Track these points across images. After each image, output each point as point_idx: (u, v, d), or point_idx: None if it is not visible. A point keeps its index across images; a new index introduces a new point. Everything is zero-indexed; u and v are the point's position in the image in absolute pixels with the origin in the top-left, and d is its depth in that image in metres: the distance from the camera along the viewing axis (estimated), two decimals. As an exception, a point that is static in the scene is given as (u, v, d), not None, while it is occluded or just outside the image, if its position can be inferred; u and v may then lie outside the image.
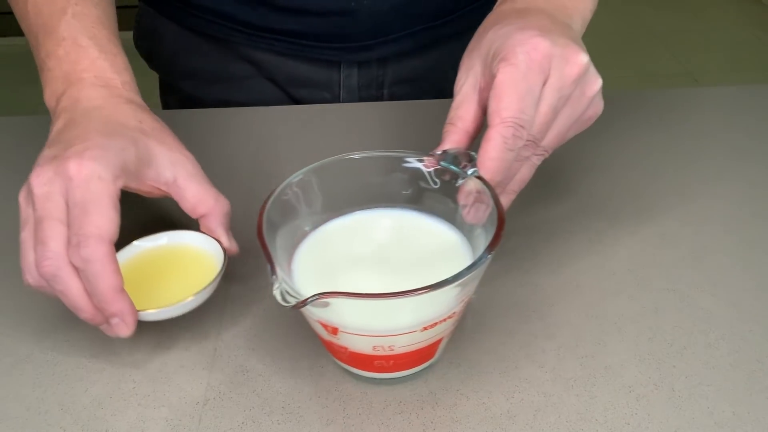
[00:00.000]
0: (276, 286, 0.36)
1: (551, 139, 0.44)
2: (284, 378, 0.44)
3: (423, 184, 0.45)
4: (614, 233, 0.55)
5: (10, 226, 0.57)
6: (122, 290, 0.41)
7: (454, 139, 0.44)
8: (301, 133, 0.67)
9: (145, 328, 0.47)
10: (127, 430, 0.41)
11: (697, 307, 0.48)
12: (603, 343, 0.46)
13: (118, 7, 0.55)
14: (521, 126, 0.41)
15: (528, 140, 0.43)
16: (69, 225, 0.41)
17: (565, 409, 0.42)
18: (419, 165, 0.45)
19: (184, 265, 0.48)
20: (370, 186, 0.46)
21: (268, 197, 0.41)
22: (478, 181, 0.42)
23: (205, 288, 0.44)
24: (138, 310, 0.42)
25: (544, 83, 0.42)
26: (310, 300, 0.35)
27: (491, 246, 0.38)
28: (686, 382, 0.43)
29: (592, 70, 0.44)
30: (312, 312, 0.38)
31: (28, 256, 0.42)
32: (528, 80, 0.41)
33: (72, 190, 0.41)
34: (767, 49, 2.64)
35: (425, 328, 0.39)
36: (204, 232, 0.47)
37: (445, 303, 0.38)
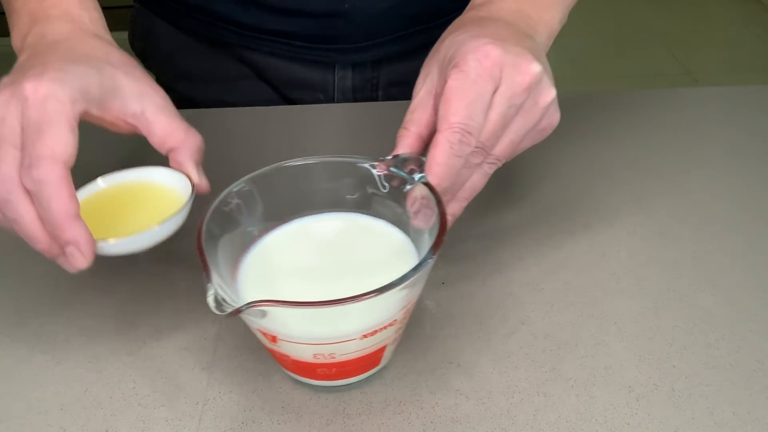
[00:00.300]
0: (210, 293, 0.35)
1: (504, 148, 0.44)
2: (284, 378, 0.44)
3: (372, 190, 0.45)
4: (614, 233, 0.55)
5: (10, 226, 0.57)
6: (77, 216, 0.39)
7: (406, 143, 0.44)
8: (295, 134, 0.67)
9: (143, 326, 0.47)
10: (127, 430, 0.41)
11: (697, 307, 0.48)
12: (603, 343, 0.46)
13: (113, 8, 0.55)
14: (468, 132, 0.41)
15: (477, 147, 0.42)
16: (22, 147, 0.39)
17: (565, 409, 0.42)
18: (370, 170, 0.44)
19: (150, 200, 0.45)
20: (317, 192, 0.45)
21: (210, 206, 0.41)
22: (424, 186, 0.42)
23: (168, 219, 0.41)
24: (97, 241, 0.40)
25: (495, 91, 0.42)
26: (243, 308, 0.35)
27: (433, 248, 0.38)
28: (686, 382, 0.43)
29: (546, 80, 0.43)
30: (251, 320, 0.38)
31: None
32: (478, 87, 0.41)
33: (27, 110, 0.39)
34: (767, 49, 2.64)
35: (365, 336, 0.38)
36: (174, 168, 0.45)
37: (385, 311, 0.38)
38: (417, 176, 0.42)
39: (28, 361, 0.45)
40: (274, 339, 0.39)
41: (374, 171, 0.44)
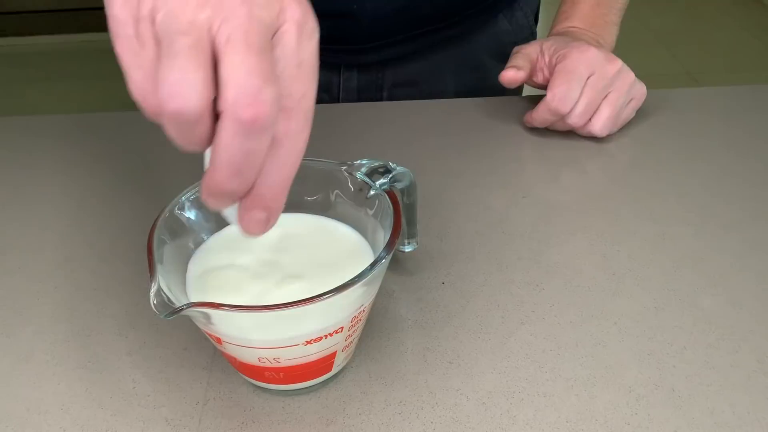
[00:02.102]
0: (153, 293, 0.35)
1: (606, 118, 0.62)
2: (284, 378, 0.44)
3: (335, 194, 0.44)
4: (614, 233, 0.55)
5: (11, 225, 0.57)
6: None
7: (521, 76, 0.64)
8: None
9: (143, 326, 0.47)
10: (127, 430, 0.41)
11: (697, 307, 0.48)
12: (603, 343, 0.46)
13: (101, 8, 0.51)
14: (562, 99, 0.61)
15: (577, 115, 0.62)
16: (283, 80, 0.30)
17: (565, 409, 0.42)
18: (334, 173, 0.44)
19: None
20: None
21: (162, 211, 0.40)
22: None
23: None
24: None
25: (590, 75, 0.61)
26: (179, 309, 0.34)
27: (387, 247, 0.37)
28: (686, 382, 0.43)
29: (626, 67, 0.62)
30: (198, 322, 0.38)
31: (195, 71, 0.28)
32: (577, 71, 0.61)
33: (292, 39, 0.30)
34: (767, 49, 2.64)
35: (308, 342, 0.38)
36: None
37: (330, 318, 0.37)
38: (380, 182, 0.42)
39: (28, 361, 0.45)
40: (219, 341, 0.39)
41: (339, 174, 0.44)
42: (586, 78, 0.61)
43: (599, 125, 0.62)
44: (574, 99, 0.61)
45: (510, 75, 0.63)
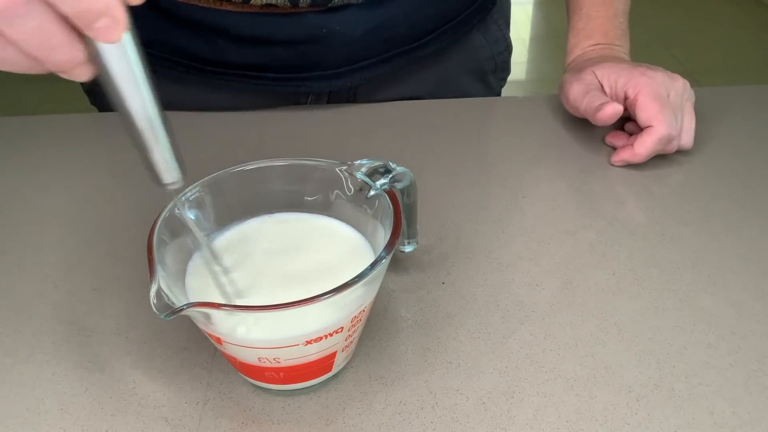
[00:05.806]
0: (152, 293, 0.35)
1: (691, 129, 0.62)
2: (284, 378, 0.44)
3: (335, 194, 0.44)
4: (614, 233, 0.55)
5: (10, 225, 0.57)
6: None
7: (617, 108, 0.60)
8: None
9: (143, 326, 0.47)
10: (127, 430, 0.41)
11: (697, 307, 0.48)
12: (603, 343, 0.46)
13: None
14: (671, 125, 0.60)
15: (680, 135, 0.62)
16: None
17: (565, 409, 0.42)
18: (332, 173, 0.44)
19: None
20: (273, 195, 0.45)
21: (162, 211, 0.40)
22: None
23: None
24: None
25: (668, 95, 0.61)
26: (179, 309, 0.34)
27: (387, 247, 0.37)
28: (686, 382, 0.43)
29: (678, 75, 0.63)
30: (198, 322, 0.38)
31: None
32: (661, 96, 0.61)
33: None
34: (767, 49, 2.64)
35: (308, 342, 0.38)
36: None
37: (330, 317, 0.37)
38: (380, 182, 0.42)
39: (28, 361, 0.45)
40: (219, 341, 0.39)
41: (338, 174, 0.44)
42: (667, 99, 0.61)
43: (688, 138, 0.62)
44: (677, 123, 0.60)
45: (609, 110, 0.60)
